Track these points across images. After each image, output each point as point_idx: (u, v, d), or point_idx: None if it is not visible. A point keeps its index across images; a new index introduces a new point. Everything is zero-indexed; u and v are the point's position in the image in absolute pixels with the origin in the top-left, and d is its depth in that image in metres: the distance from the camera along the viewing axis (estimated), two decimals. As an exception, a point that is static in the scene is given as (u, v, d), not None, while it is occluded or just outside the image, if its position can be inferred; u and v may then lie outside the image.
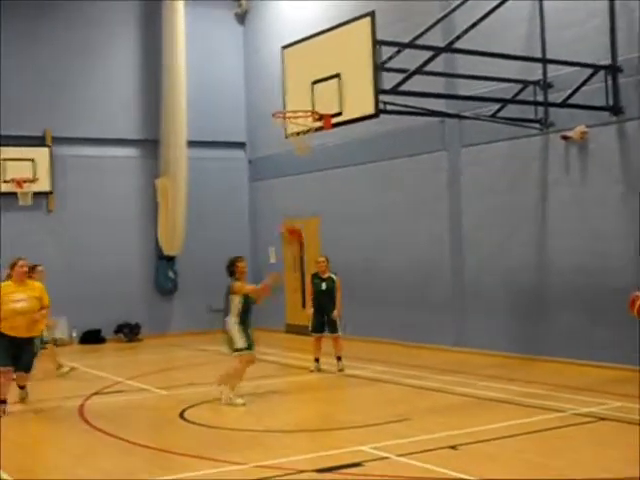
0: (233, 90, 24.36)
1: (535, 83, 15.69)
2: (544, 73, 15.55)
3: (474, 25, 13.90)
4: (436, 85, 15.94)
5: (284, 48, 14.60)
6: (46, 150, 21.86)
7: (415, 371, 15.20)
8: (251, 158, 24.54)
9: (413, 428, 10.69)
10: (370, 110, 12.87)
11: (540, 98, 15.64)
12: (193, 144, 22.95)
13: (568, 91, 14.88)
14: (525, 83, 15.76)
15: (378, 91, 12.79)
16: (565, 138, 15.37)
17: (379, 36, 12.79)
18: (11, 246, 18.60)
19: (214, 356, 18.94)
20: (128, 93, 23.06)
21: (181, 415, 11.95)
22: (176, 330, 22.96)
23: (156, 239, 23.13)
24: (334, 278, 15.78)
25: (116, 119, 22.83)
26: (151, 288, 23.17)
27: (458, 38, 13.82)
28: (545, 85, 15.54)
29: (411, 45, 13.53)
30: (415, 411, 11.82)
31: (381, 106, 13.12)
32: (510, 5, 14.57)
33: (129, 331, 22.33)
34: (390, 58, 13.16)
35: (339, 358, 15.69)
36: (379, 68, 12.83)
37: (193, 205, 23.01)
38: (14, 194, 21.35)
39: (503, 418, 10.99)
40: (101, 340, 22.00)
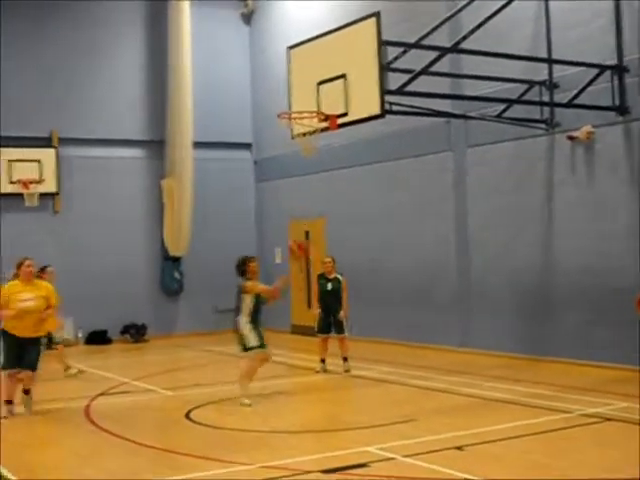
0: (239, 90, 24.37)
1: (541, 83, 15.67)
2: (550, 73, 15.54)
3: (480, 25, 13.90)
4: (442, 85, 15.93)
5: (290, 48, 14.61)
6: (52, 151, 21.88)
7: (421, 372, 15.18)
8: (257, 159, 24.54)
9: (419, 429, 10.68)
10: (376, 110, 12.87)
11: (546, 98, 15.62)
12: (199, 145, 22.97)
13: (574, 91, 14.87)
14: (531, 83, 15.74)
15: (384, 91, 12.79)
16: (571, 138, 15.35)
17: (385, 36, 12.78)
18: (17, 247, 18.57)
19: (220, 357, 18.98)
20: (134, 93, 23.09)
21: (187, 416, 11.95)
22: (182, 331, 22.98)
23: (162, 240, 23.14)
24: (340, 279, 15.74)
25: (122, 120, 22.86)
26: (157, 289, 23.19)
27: (464, 38, 13.82)
28: (551, 85, 15.52)
29: (417, 45, 13.52)
30: (421, 412, 11.81)
31: (387, 106, 13.12)
32: (516, 5, 14.56)
33: (135, 332, 22.35)
34: (396, 58, 13.15)
35: (345, 359, 15.67)
36: (385, 68, 12.83)
37: (199, 206, 23.02)
38: (20, 195, 21.38)
39: (509, 419, 10.97)
40: (107, 341, 22.03)
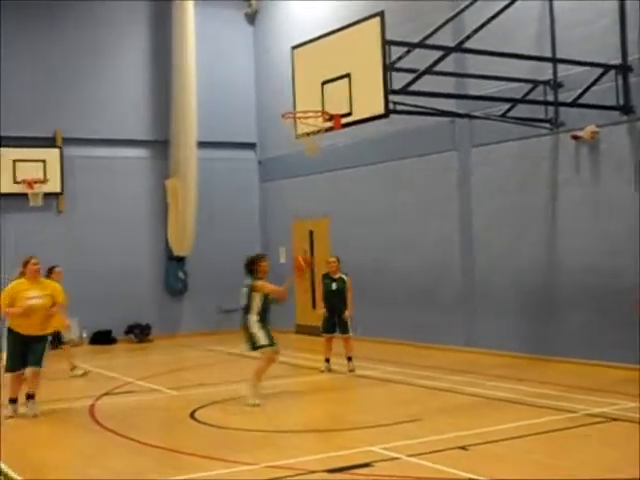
0: (243, 90, 24.37)
1: (545, 83, 15.66)
2: (554, 73, 15.53)
3: (484, 25, 13.90)
4: (446, 85, 15.93)
5: (294, 48, 14.61)
6: (56, 151, 21.90)
7: (425, 371, 15.18)
8: (261, 159, 24.54)
9: (423, 428, 10.67)
10: (380, 110, 12.87)
11: (550, 98, 15.61)
12: (203, 145, 22.97)
13: (578, 91, 14.86)
14: (535, 83, 15.73)
15: (388, 91, 12.78)
16: (575, 138, 15.33)
17: (389, 36, 12.79)
18: (21, 246, 18.65)
19: (224, 356, 18.99)
20: (138, 93, 23.10)
21: (191, 415, 11.95)
22: (186, 330, 22.99)
23: (166, 240, 23.15)
24: (345, 278, 15.75)
25: (126, 120, 22.88)
26: (161, 289, 23.20)
27: (468, 38, 13.83)
28: (555, 85, 15.52)
29: (421, 45, 13.52)
30: (425, 411, 11.81)
31: (391, 106, 13.12)
32: (520, 5, 14.56)
33: (139, 332, 22.36)
34: (400, 58, 13.15)
35: (349, 358, 15.69)
36: (389, 68, 12.83)
37: (203, 206, 23.03)
38: (25, 195, 21.41)
39: (513, 419, 10.96)
40: (112, 341, 22.05)
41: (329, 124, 13.62)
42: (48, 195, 21.75)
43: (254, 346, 13.02)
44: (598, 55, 14.78)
